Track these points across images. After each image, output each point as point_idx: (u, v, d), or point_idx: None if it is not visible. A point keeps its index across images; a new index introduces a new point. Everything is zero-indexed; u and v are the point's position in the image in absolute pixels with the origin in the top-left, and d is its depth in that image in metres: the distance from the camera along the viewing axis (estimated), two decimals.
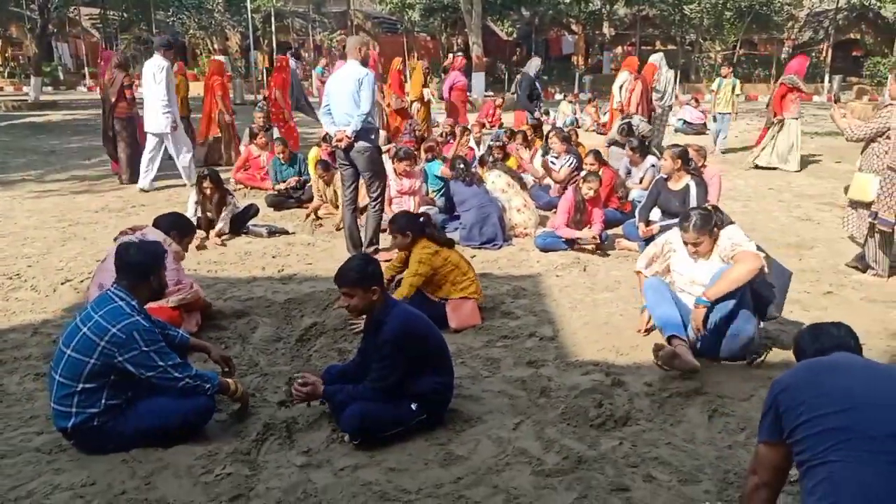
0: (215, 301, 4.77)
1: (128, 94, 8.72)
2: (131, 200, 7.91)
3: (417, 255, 4.34)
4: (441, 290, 4.37)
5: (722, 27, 29.20)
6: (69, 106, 20.00)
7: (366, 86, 5.36)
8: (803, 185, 9.17)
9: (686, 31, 30.60)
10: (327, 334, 4.19)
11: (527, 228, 6.67)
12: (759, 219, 7.24)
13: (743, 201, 8.13)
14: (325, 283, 5.15)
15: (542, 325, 4.38)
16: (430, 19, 29.63)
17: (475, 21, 23.34)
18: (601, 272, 5.54)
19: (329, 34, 30.75)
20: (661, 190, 6.07)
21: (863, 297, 4.91)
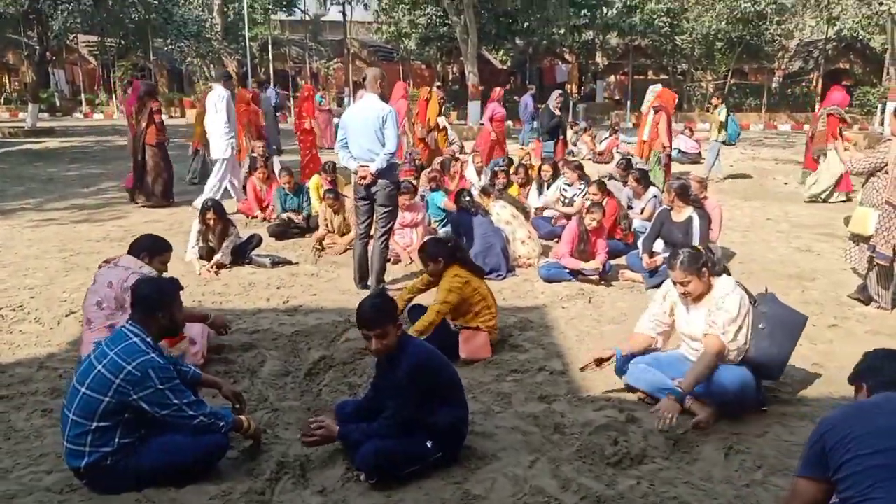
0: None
1: (157, 119, 9.09)
2: (132, 230, 7.88)
3: (448, 282, 4.34)
4: (463, 318, 4.38)
5: (713, 57, 29.70)
6: (66, 132, 20.06)
7: (390, 123, 5.35)
8: (801, 215, 9.26)
9: (678, 61, 31.09)
10: (336, 368, 4.18)
11: (530, 259, 6.69)
12: (759, 249, 7.30)
13: (741, 231, 8.19)
14: (331, 315, 5.15)
15: (551, 358, 4.38)
16: (425, 48, 29.99)
17: (471, 50, 23.67)
18: (606, 303, 5.55)
19: (326, 62, 31.07)
20: (664, 221, 6.12)
21: (867, 329, 4.94)
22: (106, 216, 8.63)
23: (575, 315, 5.25)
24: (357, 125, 5.40)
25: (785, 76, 31.71)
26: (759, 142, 20.20)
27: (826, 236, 7.94)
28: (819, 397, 3.82)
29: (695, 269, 3.60)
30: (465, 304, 4.35)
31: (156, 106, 9.13)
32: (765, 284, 5.58)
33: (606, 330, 4.91)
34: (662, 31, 27.87)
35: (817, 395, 3.86)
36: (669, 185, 6.09)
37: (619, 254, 6.68)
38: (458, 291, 4.31)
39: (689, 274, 3.60)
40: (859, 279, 6.13)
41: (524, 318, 5.14)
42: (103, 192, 10.51)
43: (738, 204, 10.03)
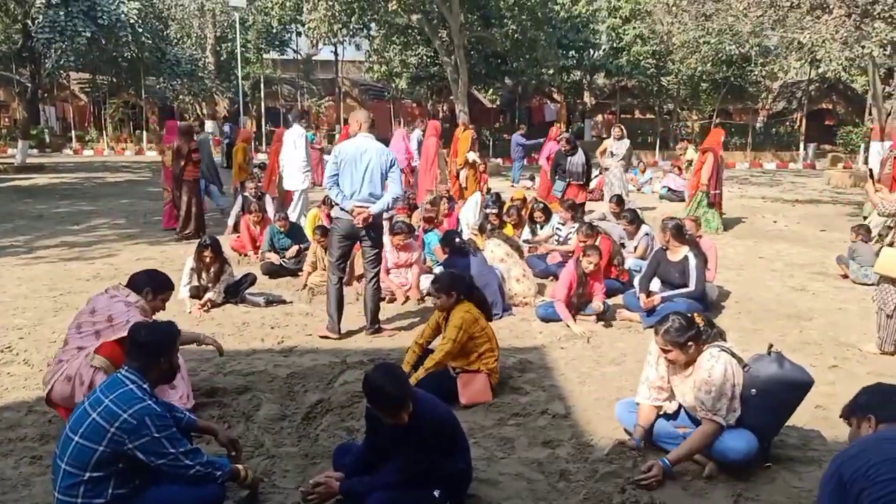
0: (215, 375, 4.69)
1: (195, 157, 9.83)
2: (123, 268, 7.79)
3: (458, 318, 4.25)
4: (465, 360, 4.30)
5: (699, 97, 30.24)
6: (55, 169, 19.99)
7: (396, 166, 5.39)
8: (792, 253, 9.32)
9: (664, 100, 31.64)
10: (334, 412, 4.09)
11: (526, 298, 6.66)
12: (754, 288, 7.31)
13: (735, 270, 8.21)
14: (326, 356, 5.07)
15: (553, 401, 4.32)
16: (416, 87, 30.37)
17: (461, 89, 23.97)
18: (605, 344, 5.51)
19: (317, 100, 31.34)
20: (660, 261, 6.13)
21: (869, 370, 4.92)
22: (97, 254, 8.54)
23: (575, 356, 5.20)
24: (357, 166, 5.28)
25: (769, 116, 32.34)
26: (745, 180, 20.47)
27: (819, 275, 7.98)
28: (825, 441, 3.77)
29: (679, 342, 3.39)
30: (469, 344, 4.28)
31: (193, 145, 9.86)
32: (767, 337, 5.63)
33: (608, 371, 4.86)
34: (648, 72, 28.41)
35: (823, 439, 3.81)
36: (664, 225, 6.11)
37: (615, 292, 6.67)
38: (467, 330, 4.24)
39: (670, 344, 3.41)
40: (857, 319, 6.15)
41: (523, 358, 5.08)
42: (94, 229, 10.42)
43: (731, 242, 10.09)
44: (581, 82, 32.72)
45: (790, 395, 3.40)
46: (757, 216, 12.90)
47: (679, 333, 3.40)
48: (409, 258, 6.87)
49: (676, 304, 5.73)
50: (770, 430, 3.48)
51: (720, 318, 6.18)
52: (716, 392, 3.30)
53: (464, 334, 4.23)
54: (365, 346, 5.37)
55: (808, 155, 27.24)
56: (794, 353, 5.15)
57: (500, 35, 25.09)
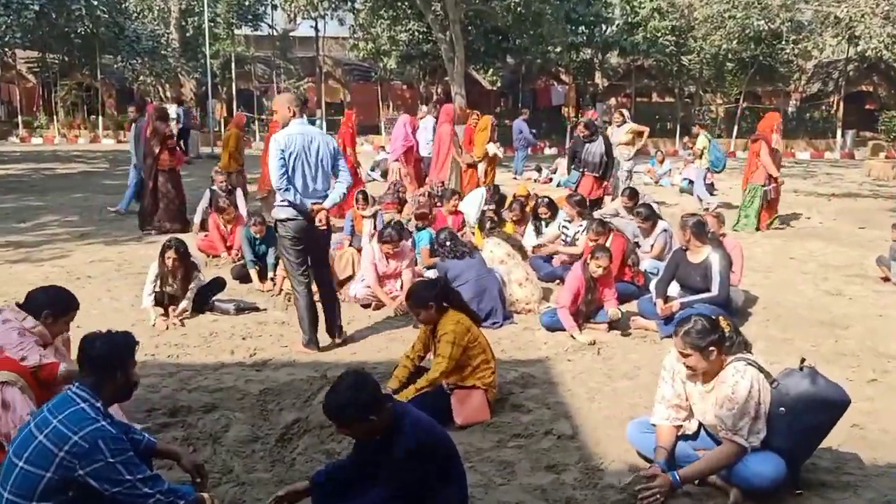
0: (178, 392, 4.69)
1: (170, 144, 9.95)
2: (75, 271, 7.79)
3: (448, 331, 4.24)
4: (458, 376, 4.31)
5: (723, 79, 30.35)
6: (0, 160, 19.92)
7: (340, 152, 5.44)
8: (827, 253, 9.36)
9: (685, 82, 31.73)
10: (312, 433, 4.10)
11: (529, 304, 6.67)
12: (784, 292, 7.34)
13: (763, 272, 8.25)
14: (304, 370, 5.08)
15: (559, 420, 4.33)
16: (407, 67, 30.36)
17: (457, 69, 23.98)
18: (617, 355, 5.53)
19: (295, 82, 31.31)
20: (679, 263, 6.15)
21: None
22: (46, 255, 8.52)
23: (583, 369, 5.22)
24: (308, 158, 5.17)
25: (802, 99, 32.48)
26: None
27: (857, 278, 8.02)
28: (862, 464, 3.79)
29: (700, 345, 3.38)
30: (462, 357, 4.29)
31: (169, 130, 10.00)
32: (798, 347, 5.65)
33: (620, 386, 4.88)
34: (667, 50, 28.44)
35: (860, 461, 3.83)
36: (684, 222, 6.13)
37: (629, 297, 6.69)
38: (460, 343, 4.25)
39: (691, 347, 3.40)
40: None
41: (526, 372, 5.10)
42: (43, 227, 10.39)
43: (758, 241, 10.13)
44: (592, 62, 32.79)
45: (823, 416, 3.40)
46: (788, 212, 12.95)
47: (701, 336, 3.39)
48: (399, 266, 6.87)
49: (697, 311, 5.73)
50: (800, 454, 3.49)
51: (746, 326, 6.22)
52: (738, 410, 3.31)
53: (458, 349, 4.24)
54: (347, 358, 5.38)
55: (846, 143, 27.37)
56: (828, 364, 5.20)
57: (500, 8, 25.12)
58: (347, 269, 7.35)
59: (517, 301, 6.70)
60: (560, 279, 7.29)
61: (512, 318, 6.44)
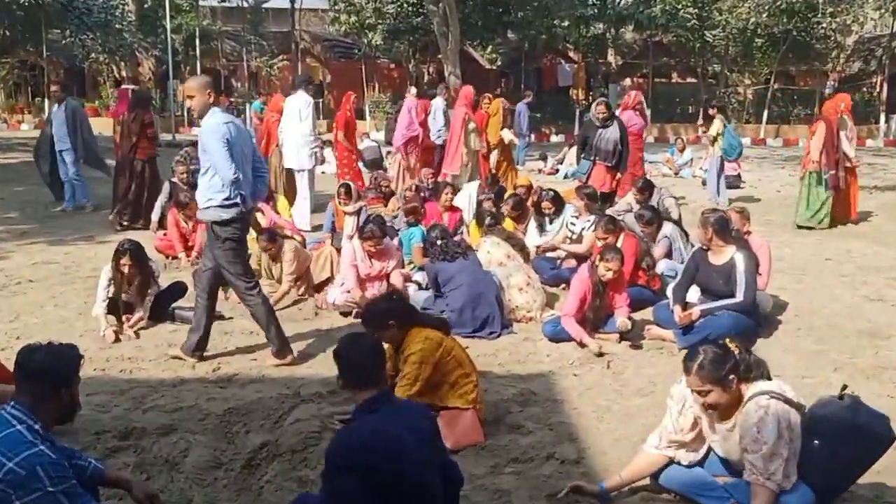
0: (131, 411, 4.69)
1: (150, 133, 10.27)
2: (15, 275, 7.77)
3: (415, 351, 4.24)
4: (435, 396, 4.31)
5: (752, 57, 30.46)
6: None
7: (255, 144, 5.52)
8: (867, 254, 9.41)
9: (708, 61, 31.84)
10: (283, 458, 4.10)
11: (531, 311, 6.69)
12: (818, 298, 7.37)
13: (795, 275, 8.28)
14: (275, 387, 5.08)
15: (562, 442, 4.34)
16: (394, 43, 30.39)
17: (451, 46, 24.02)
18: (630, 369, 5.55)
19: (268, 59, 31.30)
20: (699, 264, 6.17)
21: None
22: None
23: (590, 385, 5.23)
24: (244, 152, 5.20)
25: (841, 80, 32.56)
26: None
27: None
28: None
29: (717, 377, 3.33)
30: (436, 375, 4.29)
31: (149, 118, 10.25)
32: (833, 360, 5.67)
33: (632, 405, 4.89)
34: (689, 24, 28.54)
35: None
36: (705, 219, 6.14)
37: (643, 304, 6.71)
38: (430, 362, 4.24)
39: (708, 383, 3.34)
40: None
41: (526, 388, 5.11)
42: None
43: (789, 240, 10.17)
44: (604, 37, 32.87)
45: (864, 452, 3.40)
46: None
47: (716, 366, 3.33)
48: (386, 267, 6.87)
49: (720, 319, 5.78)
50: (834, 490, 3.50)
51: (774, 337, 6.25)
52: (767, 452, 3.24)
53: (426, 369, 4.23)
54: (324, 373, 5.36)
55: (891, 129, 27.48)
56: (867, 380, 5.23)
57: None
58: (325, 271, 7.36)
59: (517, 308, 6.71)
60: (566, 283, 7.29)
61: (511, 327, 6.46)
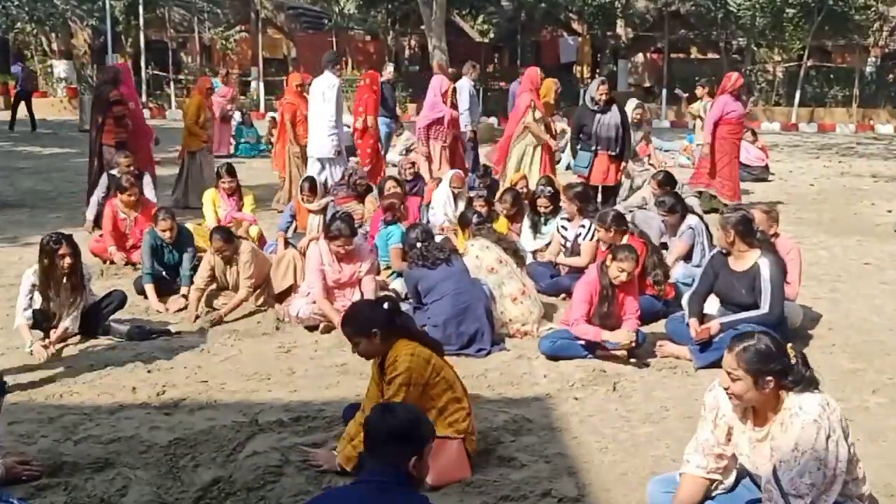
0: (61, 443, 4.67)
1: (116, 111, 10.27)
2: None
3: (401, 371, 4.21)
4: None
5: (782, 30, 30.64)
6: None
7: None
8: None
9: (733, 34, 32.01)
10: (237, 497, 4.10)
11: (526, 325, 6.72)
12: (856, 309, 7.44)
13: (829, 282, 8.36)
14: (229, 414, 5.09)
15: (560, 477, 4.35)
16: (370, 13, 30.43)
17: (436, 16, 24.09)
18: (638, 392, 5.58)
19: (223, 31, 31.25)
20: (719, 271, 6.21)
21: None
22: None
23: (593, 410, 5.25)
24: None
25: (884, 56, 32.84)
26: (849, 149, 20.82)
27: None
28: None
29: (756, 369, 3.38)
30: (423, 399, 4.28)
31: (115, 95, 10.30)
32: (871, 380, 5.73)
33: (640, 433, 4.91)
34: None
35: None
36: (726, 220, 6.18)
37: (655, 316, 6.75)
38: (418, 381, 4.23)
39: (743, 370, 3.40)
40: None
41: (519, 415, 5.12)
42: None
43: (823, 242, 10.26)
44: (612, 6, 33.00)
45: None
46: (863, 203, 13.13)
47: (761, 359, 3.38)
48: (357, 271, 6.85)
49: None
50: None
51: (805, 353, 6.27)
52: (802, 465, 3.26)
53: (415, 390, 4.22)
54: (286, 397, 5.38)
55: None
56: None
57: None
58: (287, 278, 7.26)
59: (510, 322, 6.74)
60: (567, 292, 7.32)
61: (503, 343, 6.48)
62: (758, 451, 3.54)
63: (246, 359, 6.09)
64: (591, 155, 10.16)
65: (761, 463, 3.52)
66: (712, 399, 3.71)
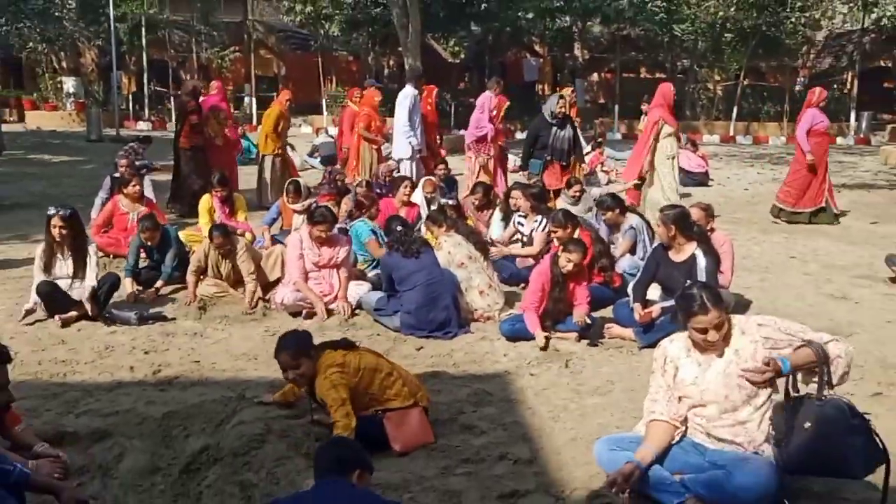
0: (63, 416, 4.65)
1: (192, 120, 10.72)
2: None
3: (325, 382, 4.14)
4: (371, 406, 4.32)
5: (721, 52, 30.88)
6: None
7: None
8: (833, 252, 9.62)
9: (678, 56, 32.25)
10: (224, 462, 4.10)
11: (490, 312, 6.73)
12: (782, 296, 7.52)
13: (759, 273, 8.44)
14: (218, 389, 5.08)
15: (516, 443, 4.38)
16: (353, 35, 30.34)
17: (412, 38, 24.02)
18: (588, 369, 5.62)
19: (219, 51, 31.01)
20: (660, 262, 6.25)
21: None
22: None
23: (547, 384, 5.29)
24: None
25: (811, 76, 33.17)
26: (780, 159, 21.02)
27: (865, 279, 8.25)
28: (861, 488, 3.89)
29: (723, 306, 3.68)
30: (359, 393, 4.24)
31: (192, 105, 10.73)
32: None
33: (588, 404, 4.95)
34: (657, 18, 28.87)
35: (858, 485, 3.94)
36: (664, 217, 6.22)
37: (604, 303, 6.79)
38: (343, 383, 4.16)
39: (720, 311, 3.64)
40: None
41: (480, 388, 5.15)
42: None
43: (755, 238, 10.37)
44: (570, 31, 33.10)
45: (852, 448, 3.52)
46: None
47: (717, 297, 3.70)
48: (335, 256, 6.88)
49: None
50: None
51: None
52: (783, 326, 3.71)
53: (343, 389, 4.14)
54: (270, 375, 5.36)
55: (861, 126, 28.07)
56: None
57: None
58: (276, 270, 7.31)
59: (477, 310, 6.76)
60: (525, 282, 7.34)
61: (468, 326, 6.50)
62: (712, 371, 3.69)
63: (235, 341, 6.08)
64: (541, 163, 10.24)
65: (714, 382, 3.67)
66: (661, 352, 3.90)
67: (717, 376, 3.67)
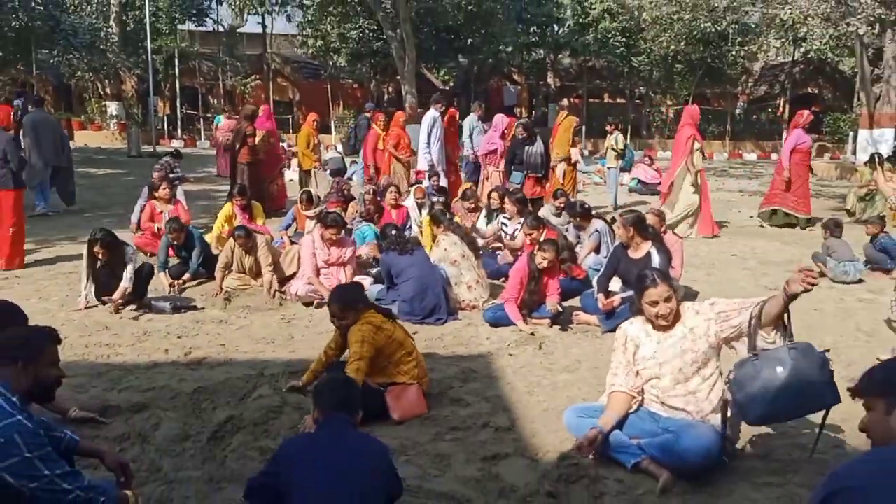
0: (108, 391, 4.62)
1: (250, 142, 10.95)
2: (2, 272, 7.59)
3: (357, 333, 4.25)
4: (383, 374, 4.33)
5: (673, 80, 31.04)
6: None
7: None
8: (768, 250, 9.66)
9: (635, 83, 32.33)
10: (246, 430, 4.08)
11: (475, 303, 6.73)
12: (724, 288, 7.55)
13: (705, 269, 8.47)
14: (241, 368, 5.05)
15: (497, 413, 4.39)
16: (357, 65, 30.28)
17: (408, 68, 24.06)
18: (559, 350, 5.63)
19: (242, 79, 30.92)
20: (620, 258, 6.28)
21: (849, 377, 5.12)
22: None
23: (524, 363, 5.30)
24: None
25: (749, 101, 33.36)
26: (723, 172, 21.09)
27: None
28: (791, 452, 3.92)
29: (670, 282, 3.78)
30: (381, 357, 4.30)
31: (250, 130, 10.98)
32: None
33: (559, 380, 4.96)
34: (618, 51, 28.97)
35: (786, 446, 3.97)
36: (624, 220, 6.26)
37: (572, 293, 6.80)
38: (371, 341, 4.22)
39: (669, 286, 3.70)
40: (833, 321, 6.44)
41: (467, 367, 5.16)
42: None
43: (702, 239, 10.39)
44: (544, 62, 33.19)
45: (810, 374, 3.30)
46: (733, 211, 13.33)
47: (665, 274, 3.83)
48: (342, 255, 6.88)
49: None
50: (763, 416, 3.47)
51: None
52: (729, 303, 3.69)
53: (369, 347, 4.19)
54: (287, 356, 5.36)
55: None
56: None
57: (451, 6, 25.26)
58: (293, 266, 7.32)
59: (463, 301, 6.76)
60: (505, 276, 7.34)
61: (456, 314, 6.50)
62: (668, 343, 3.70)
63: (256, 328, 6.06)
64: (522, 176, 10.30)
65: (669, 352, 3.68)
66: (621, 333, 3.91)
67: (673, 349, 3.68)
